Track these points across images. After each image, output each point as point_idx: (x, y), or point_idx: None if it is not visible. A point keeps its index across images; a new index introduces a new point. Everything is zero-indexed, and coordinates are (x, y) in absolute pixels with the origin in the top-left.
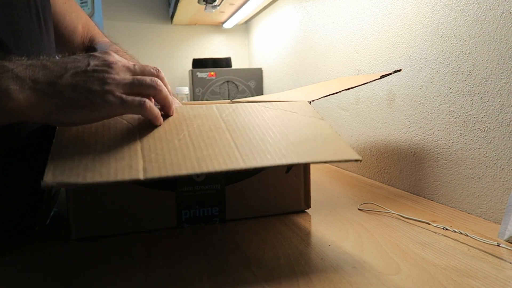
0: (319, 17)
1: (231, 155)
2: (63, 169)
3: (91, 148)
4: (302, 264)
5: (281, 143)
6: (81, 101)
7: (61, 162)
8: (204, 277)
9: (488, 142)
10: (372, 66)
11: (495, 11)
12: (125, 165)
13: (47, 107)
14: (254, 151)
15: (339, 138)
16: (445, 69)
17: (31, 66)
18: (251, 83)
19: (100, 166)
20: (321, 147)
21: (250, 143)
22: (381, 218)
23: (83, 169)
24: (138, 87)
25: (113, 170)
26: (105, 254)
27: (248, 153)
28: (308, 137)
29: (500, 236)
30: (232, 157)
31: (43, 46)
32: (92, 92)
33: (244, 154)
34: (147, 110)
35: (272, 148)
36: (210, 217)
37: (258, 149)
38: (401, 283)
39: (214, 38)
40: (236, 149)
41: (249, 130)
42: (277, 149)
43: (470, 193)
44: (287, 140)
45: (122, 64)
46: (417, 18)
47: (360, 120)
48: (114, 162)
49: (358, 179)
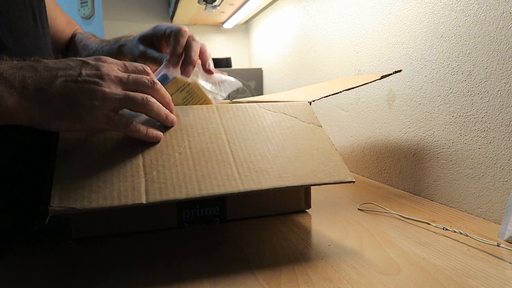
0: (319, 17)
1: (230, 175)
2: (68, 192)
3: (94, 164)
4: (302, 264)
5: (279, 160)
6: (68, 113)
7: (66, 183)
8: (204, 277)
9: (488, 142)
10: (372, 66)
11: (495, 11)
12: (128, 186)
13: (34, 114)
14: (252, 170)
15: (335, 153)
16: (445, 69)
17: (21, 69)
18: (251, 83)
19: (104, 187)
20: (317, 166)
21: (249, 159)
22: (381, 218)
23: (88, 191)
24: (129, 104)
25: (116, 193)
26: (105, 254)
27: (247, 173)
28: (306, 151)
29: (500, 236)
30: (231, 178)
31: (40, 45)
32: (80, 105)
33: (243, 173)
34: (132, 132)
35: (270, 165)
36: (210, 217)
37: (256, 167)
38: (401, 283)
39: (214, 38)
40: (235, 167)
41: (248, 142)
42: (275, 167)
43: (470, 193)
44: (285, 156)
45: (114, 75)
46: (417, 18)
47: (360, 120)
48: (117, 182)
49: (358, 179)
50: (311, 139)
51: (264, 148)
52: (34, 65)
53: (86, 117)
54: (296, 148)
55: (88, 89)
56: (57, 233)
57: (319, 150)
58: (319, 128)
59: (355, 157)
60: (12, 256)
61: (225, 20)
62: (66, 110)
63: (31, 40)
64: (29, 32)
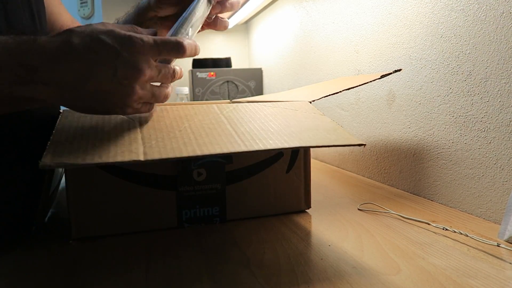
0: (319, 17)
1: (233, 141)
2: (62, 152)
3: (90, 137)
4: (302, 264)
5: (283, 132)
6: (101, 109)
7: (60, 147)
8: (204, 277)
9: (488, 142)
10: (372, 66)
11: (495, 11)
12: (125, 149)
13: (67, 105)
14: (256, 138)
15: (341, 128)
16: (445, 69)
17: (55, 62)
18: (251, 83)
19: (100, 151)
20: (324, 135)
21: (252, 132)
22: (381, 218)
23: (83, 153)
24: (152, 100)
25: (112, 153)
26: (105, 254)
27: (250, 139)
28: (311, 127)
29: (500, 236)
30: (233, 143)
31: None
32: (114, 106)
33: (246, 140)
34: (151, 114)
35: (274, 135)
36: (210, 217)
37: (260, 136)
38: (401, 283)
39: (214, 38)
40: (237, 136)
41: (250, 123)
42: (279, 136)
43: (470, 193)
44: (289, 130)
45: (149, 75)
46: (417, 18)
47: (360, 120)
48: (114, 147)
49: (358, 179)
50: (316, 121)
51: (267, 126)
52: (67, 57)
53: (117, 112)
54: (301, 126)
55: (123, 92)
56: (57, 233)
57: (325, 127)
58: (322, 115)
59: (355, 157)
60: (12, 255)
61: None
62: (100, 107)
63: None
64: (28, 31)
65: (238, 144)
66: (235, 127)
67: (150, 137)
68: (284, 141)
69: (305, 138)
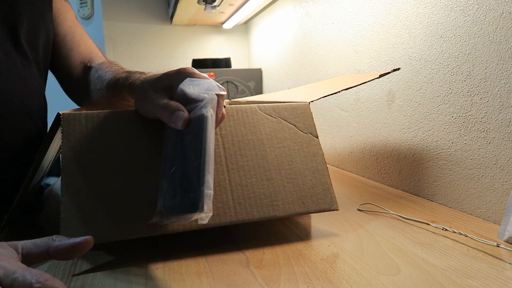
0: (318, 17)
1: (225, 202)
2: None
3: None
4: (302, 264)
5: (272, 184)
6: None
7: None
8: (204, 277)
9: (487, 142)
10: (372, 67)
11: (495, 12)
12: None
13: None
14: (246, 197)
15: (326, 174)
16: (445, 69)
17: None
18: (251, 83)
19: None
20: (308, 191)
21: (245, 182)
22: (381, 218)
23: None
24: None
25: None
26: (105, 254)
27: (241, 200)
28: (300, 172)
29: (499, 237)
30: (225, 206)
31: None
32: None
33: (237, 200)
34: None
35: (263, 190)
36: None
37: (250, 192)
38: (401, 283)
39: (214, 39)
40: (230, 193)
41: (245, 159)
42: (268, 192)
43: (470, 193)
44: (279, 179)
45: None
46: (417, 18)
47: (359, 120)
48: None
49: (358, 180)
50: (306, 156)
51: (261, 169)
52: None
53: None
54: (290, 169)
55: None
56: (57, 233)
57: (312, 170)
58: (315, 140)
59: (354, 158)
60: None
61: (225, 20)
62: None
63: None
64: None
65: (230, 209)
66: (230, 170)
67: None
68: (271, 204)
69: (289, 201)
